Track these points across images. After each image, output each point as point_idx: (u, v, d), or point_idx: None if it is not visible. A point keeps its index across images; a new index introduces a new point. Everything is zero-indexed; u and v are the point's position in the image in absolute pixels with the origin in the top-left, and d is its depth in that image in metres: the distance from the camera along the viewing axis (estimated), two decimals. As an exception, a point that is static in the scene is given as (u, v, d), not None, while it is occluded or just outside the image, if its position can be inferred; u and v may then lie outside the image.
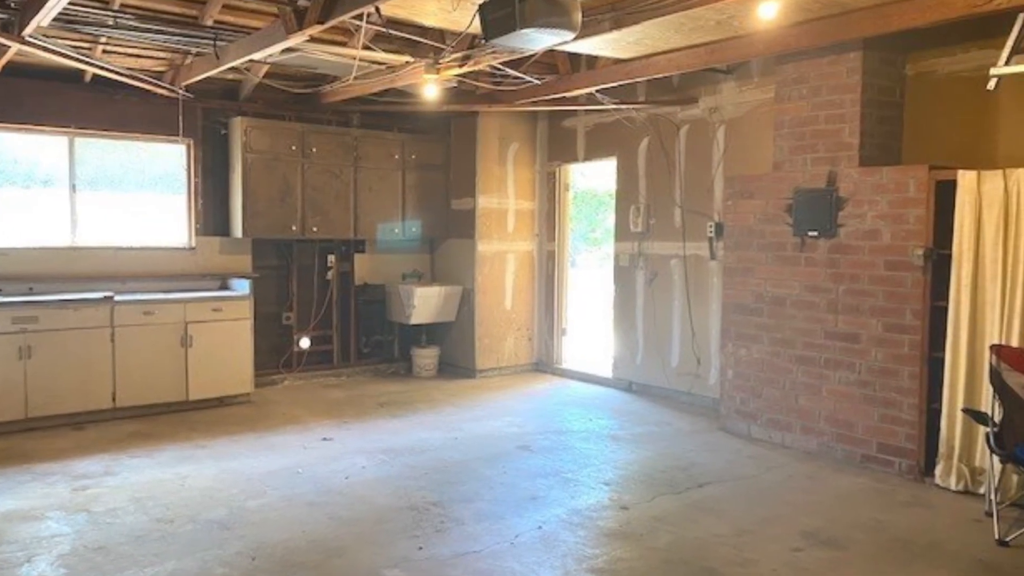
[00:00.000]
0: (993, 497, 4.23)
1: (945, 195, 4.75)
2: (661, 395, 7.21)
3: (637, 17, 4.61)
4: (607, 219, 9.98)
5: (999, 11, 4.08)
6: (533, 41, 4.18)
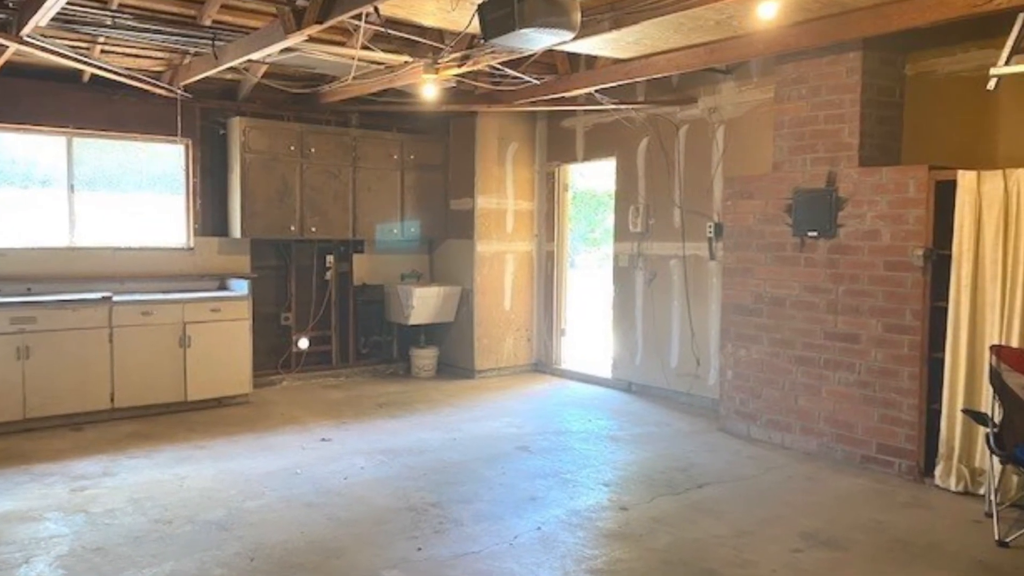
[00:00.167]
0: (993, 498, 4.22)
1: (945, 195, 4.75)
2: (660, 396, 7.20)
3: (636, 17, 4.61)
4: (606, 219, 9.97)
5: (999, 11, 4.07)
6: (532, 41, 4.17)
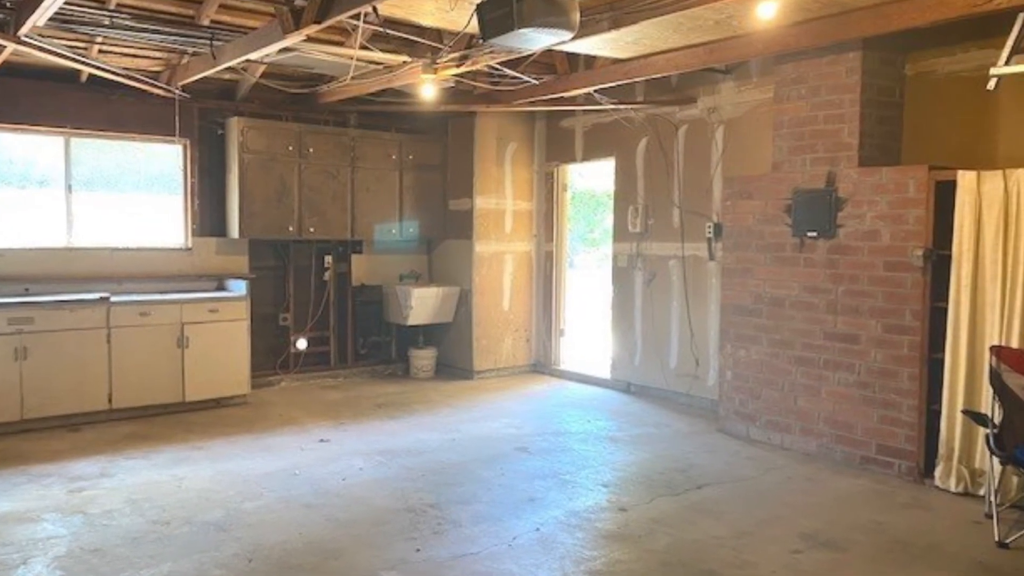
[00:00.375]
0: (993, 499, 4.21)
1: (945, 195, 4.74)
2: (659, 396, 7.19)
3: (635, 17, 4.60)
4: (605, 220, 9.96)
5: (999, 11, 4.06)
6: (531, 41, 4.17)
